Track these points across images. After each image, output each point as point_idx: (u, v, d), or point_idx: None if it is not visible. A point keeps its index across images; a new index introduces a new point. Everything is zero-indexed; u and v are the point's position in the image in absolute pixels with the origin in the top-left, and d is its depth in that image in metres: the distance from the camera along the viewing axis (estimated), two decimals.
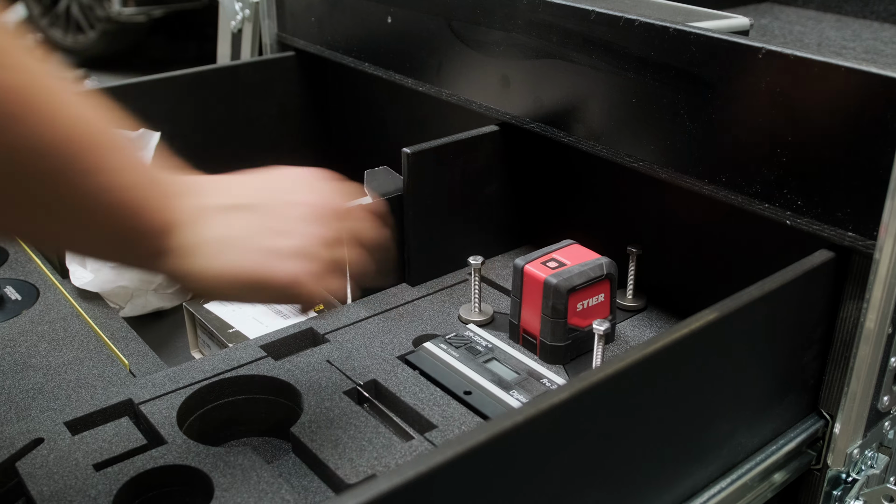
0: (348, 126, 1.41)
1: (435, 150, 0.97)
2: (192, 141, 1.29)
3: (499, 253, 1.07)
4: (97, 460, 0.74)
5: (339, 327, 0.93)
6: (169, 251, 0.64)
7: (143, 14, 4.75)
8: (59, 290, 1.02)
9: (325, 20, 1.27)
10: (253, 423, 0.86)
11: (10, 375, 0.87)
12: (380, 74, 1.19)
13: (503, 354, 0.87)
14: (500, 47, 0.99)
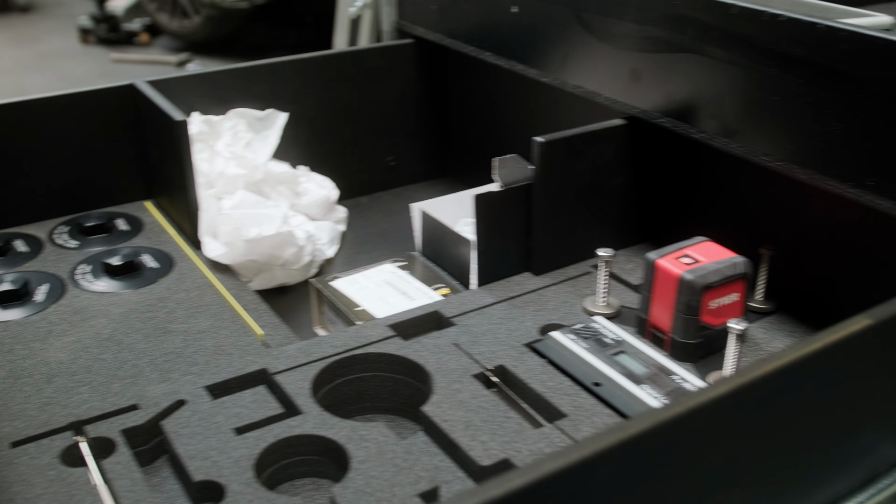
0: (466, 114, 1.42)
1: (567, 140, 0.97)
2: (316, 122, 1.32)
3: (620, 247, 1.07)
4: (238, 424, 0.76)
5: (464, 312, 0.94)
6: None
7: (245, 1, 4.84)
8: (192, 261, 1.05)
9: (447, 9, 1.28)
10: (378, 401, 0.88)
11: (152, 339, 0.90)
12: (501, 64, 1.20)
13: (632, 348, 0.87)
14: (632, 40, 0.99)
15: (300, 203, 1.22)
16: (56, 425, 0.76)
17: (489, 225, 0.98)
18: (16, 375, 0.84)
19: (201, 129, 1.17)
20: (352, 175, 1.37)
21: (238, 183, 1.13)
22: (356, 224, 1.31)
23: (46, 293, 0.98)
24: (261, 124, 1.24)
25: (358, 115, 1.36)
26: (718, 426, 0.56)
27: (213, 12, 4.95)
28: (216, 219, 1.05)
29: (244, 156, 1.15)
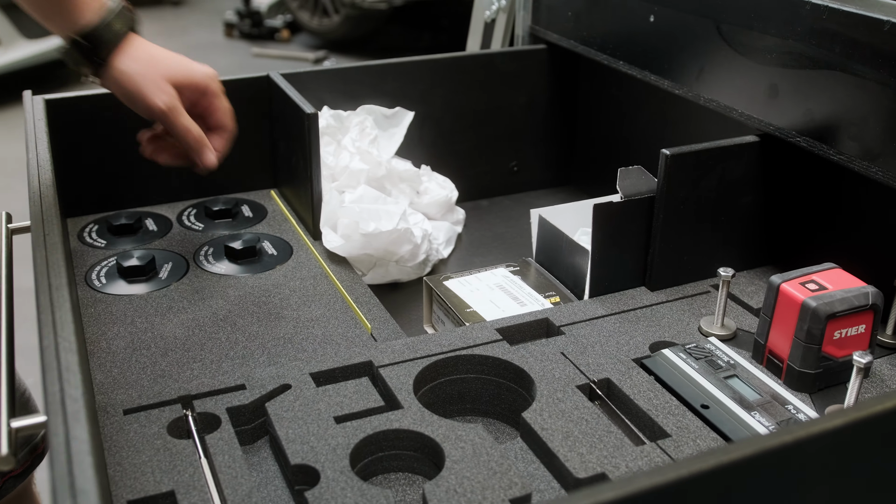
0: (594, 123, 1.40)
1: (695, 154, 0.94)
2: (442, 122, 1.33)
3: (744, 268, 1.03)
4: (338, 413, 0.77)
5: (574, 321, 0.93)
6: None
7: (384, 2, 4.93)
8: (310, 250, 1.07)
9: (583, 16, 1.27)
10: (479, 403, 0.87)
11: (265, 323, 0.92)
12: (634, 74, 1.18)
13: (745, 373, 0.84)
14: (773, 54, 0.95)
15: (420, 202, 1.22)
16: (167, 397, 0.79)
17: (607, 236, 0.96)
18: (134, 347, 0.88)
19: (329, 123, 1.19)
20: (474, 178, 1.38)
21: (361, 178, 1.14)
22: (474, 226, 1.30)
23: (170, 271, 1.02)
24: (388, 122, 1.25)
25: (484, 118, 1.36)
26: (827, 462, 0.53)
27: (353, 12, 5.05)
28: (336, 211, 1.07)
29: (369, 152, 1.17)
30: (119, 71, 0.95)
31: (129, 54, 0.95)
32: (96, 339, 0.89)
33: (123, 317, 0.93)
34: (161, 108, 0.95)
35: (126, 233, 1.11)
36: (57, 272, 0.67)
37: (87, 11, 0.93)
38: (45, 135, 0.98)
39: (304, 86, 1.21)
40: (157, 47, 0.98)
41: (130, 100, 0.96)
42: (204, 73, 0.99)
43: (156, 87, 0.95)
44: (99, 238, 1.10)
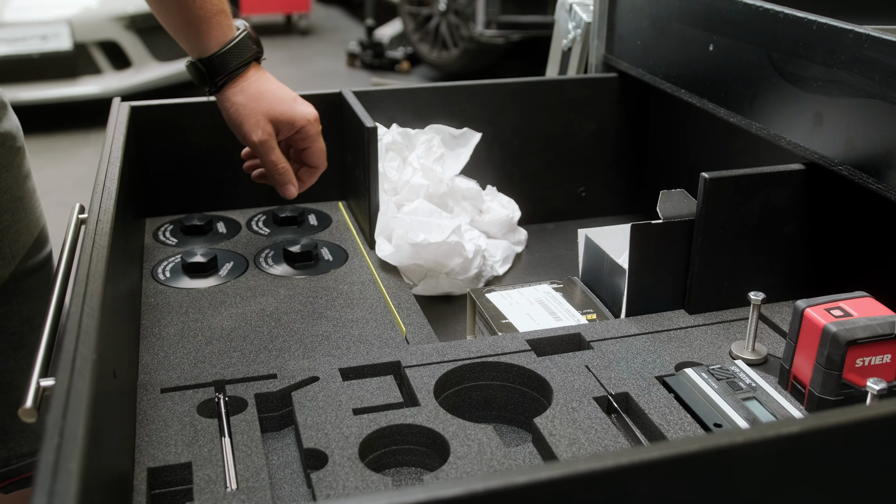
0: (663, 151, 1.41)
1: (735, 179, 0.95)
2: (511, 145, 1.36)
3: (788, 297, 1.03)
4: (357, 406, 0.81)
5: (606, 338, 0.94)
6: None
7: (502, 37, 5.00)
8: (364, 258, 1.12)
9: (650, 45, 1.29)
10: (504, 410, 0.89)
11: (308, 320, 0.97)
12: (694, 102, 1.19)
13: (765, 396, 0.84)
14: (818, 83, 0.95)
15: (481, 220, 1.26)
16: (202, 380, 0.84)
17: (644, 256, 0.98)
18: (182, 334, 0.94)
19: (395, 140, 1.24)
20: (541, 201, 1.40)
21: (420, 192, 1.19)
22: (535, 247, 1.33)
23: (230, 269, 1.08)
24: (455, 142, 1.29)
25: (554, 142, 1.38)
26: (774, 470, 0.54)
27: (471, 46, 5.14)
28: (391, 222, 1.11)
29: (432, 169, 1.21)
30: (228, 100, 1.05)
31: (240, 86, 1.05)
32: (150, 326, 0.95)
33: (179, 308, 1.00)
34: (255, 141, 1.04)
35: (197, 233, 1.19)
36: (99, 252, 0.74)
37: (210, 40, 1.03)
38: (122, 136, 1.06)
39: (374, 104, 1.27)
40: (271, 83, 1.07)
41: (232, 127, 1.06)
42: (304, 115, 1.06)
43: (254, 123, 1.03)
44: (171, 237, 1.18)
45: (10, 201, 1.04)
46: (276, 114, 1.04)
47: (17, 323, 1.04)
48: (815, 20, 0.94)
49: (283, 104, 1.05)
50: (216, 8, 1.03)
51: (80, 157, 4.00)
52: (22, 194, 1.05)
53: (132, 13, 4.62)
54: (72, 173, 3.78)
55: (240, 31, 1.05)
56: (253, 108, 1.03)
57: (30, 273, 1.05)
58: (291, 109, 1.05)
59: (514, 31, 4.92)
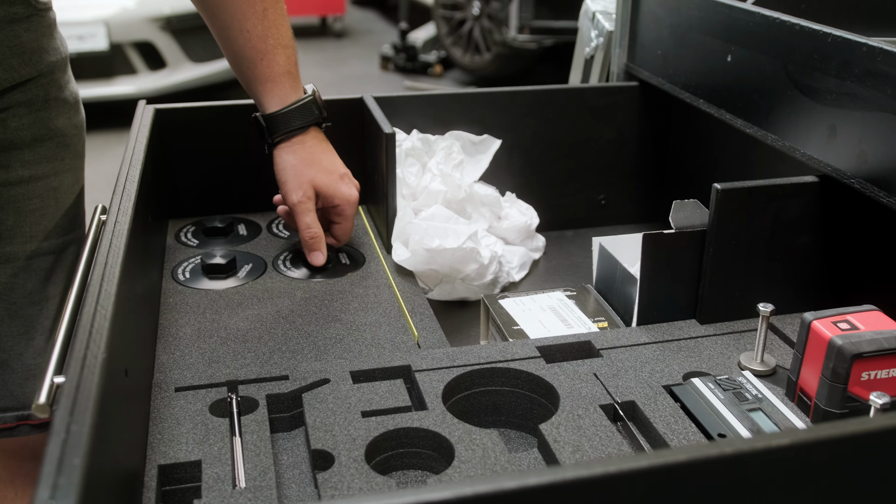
0: (682, 160, 1.41)
1: (747, 190, 0.96)
2: (531, 152, 1.37)
3: (799, 308, 1.02)
4: (365, 408, 0.82)
5: (615, 346, 0.95)
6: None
7: (534, 42, 5.01)
8: (381, 263, 1.14)
9: (671, 55, 1.29)
10: (512, 416, 0.90)
11: (321, 323, 0.99)
12: (712, 112, 1.19)
13: (771, 407, 0.85)
14: (832, 95, 0.96)
15: (499, 226, 1.27)
16: (216, 380, 0.86)
17: (656, 265, 0.98)
18: (199, 334, 0.96)
19: (415, 146, 1.25)
20: (560, 208, 1.41)
21: (438, 198, 1.20)
22: (553, 254, 1.34)
23: (248, 271, 1.10)
24: (475, 148, 1.30)
25: (573, 150, 1.39)
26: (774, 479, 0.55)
27: (503, 50, 5.16)
28: (407, 227, 1.13)
29: (451, 175, 1.22)
30: (280, 157, 1.10)
31: (294, 148, 1.10)
32: (168, 326, 0.98)
33: (196, 308, 1.02)
34: (294, 201, 1.09)
35: (218, 235, 1.21)
36: (115, 253, 0.76)
37: (273, 99, 1.10)
38: (145, 138, 1.08)
39: (395, 109, 1.29)
40: (325, 153, 1.12)
41: (278, 183, 1.11)
42: (345, 195, 1.11)
43: (297, 185, 1.08)
44: (192, 238, 1.20)
45: (44, 189, 1.07)
46: (320, 184, 1.09)
47: (20, 295, 1.08)
48: (829, 33, 0.94)
49: (329, 177, 1.10)
50: (282, 69, 1.09)
51: (113, 157, 4.06)
52: (58, 184, 1.09)
53: (168, 14, 4.69)
54: (106, 172, 3.83)
55: (306, 95, 1.11)
56: (301, 171, 1.09)
57: (44, 254, 1.08)
58: (335, 185, 1.11)
59: (547, 37, 4.93)
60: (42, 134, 1.05)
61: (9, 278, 1.06)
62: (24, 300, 1.07)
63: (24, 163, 1.04)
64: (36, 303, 1.08)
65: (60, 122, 1.07)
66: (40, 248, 1.07)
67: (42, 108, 1.05)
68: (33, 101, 1.04)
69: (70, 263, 1.11)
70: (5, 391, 1.09)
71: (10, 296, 1.07)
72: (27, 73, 1.02)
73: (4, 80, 1.00)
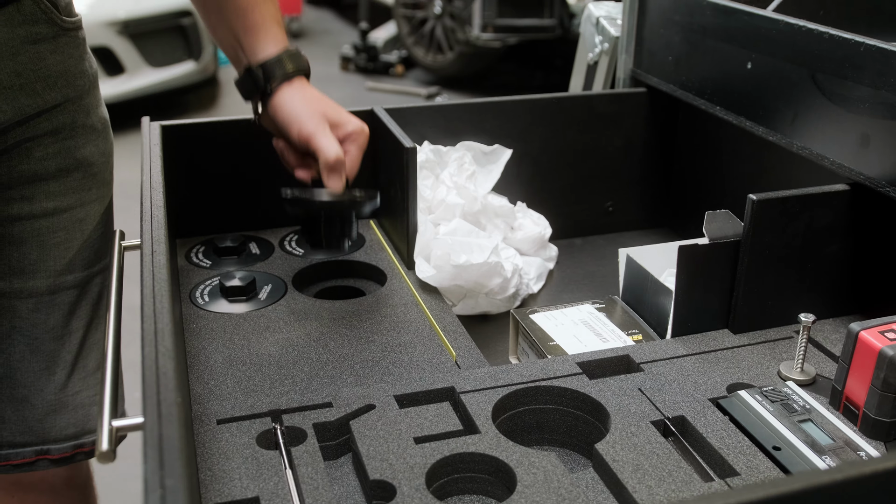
0: (690, 167, 1.41)
1: (781, 200, 0.95)
2: (540, 161, 1.36)
3: (828, 315, 1.03)
4: (418, 434, 0.81)
5: (655, 359, 0.94)
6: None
7: (498, 41, 5.01)
8: (403, 279, 1.12)
9: (683, 61, 1.29)
10: (557, 434, 0.89)
11: (355, 345, 0.97)
12: (730, 119, 1.19)
13: (820, 418, 0.85)
14: (865, 104, 0.96)
15: (514, 237, 1.26)
16: (258, 410, 0.84)
17: (691, 277, 0.98)
18: (231, 362, 0.93)
19: (428, 158, 1.24)
20: (569, 216, 1.40)
21: (456, 211, 1.19)
22: (566, 263, 1.33)
23: (269, 292, 1.08)
24: (486, 158, 1.29)
25: (581, 157, 1.39)
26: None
27: (466, 49, 5.15)
28: (430, 243, 1.11)
29: (465, 186, 1.21)
30: (282, 98, 1.03)
31: (297, 88, 1.04)
32: (196, 353, 0.95)
33: (223, 333, 0.99)
34: (310, 129, 1.00)
35: (230, 254, 1.18)
36: (161, 288, 0.73)
37: (269, 44, 1.04)
38: (160, 159, 1.05)
39: (406, 121, 1.27)
40: (322, 94, 1.07)
41: (286, 123, 1.03)
42: (357, 123, 1.04)
43: (310, 115, 1.02)
44: (205, 258, 1.17)
45: (69, 221, 1.04)
46: (332, 114, 1.03)
47: (42, 331, 1.04)
48: (862, 41, 0.95)
49: (337, 109, 1.05)
50: (273, 17, 1.04)
51: None
52: (84, 216, 1.05)
53: (124, 18, 4.60)
54: None
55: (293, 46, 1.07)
56: (310, 104, 1.03)
57: (68, 288, 1.05)
58: (347, 115, 1.05)
59: (511, 35, 4.93)
60: (68, 164, 1.02)
61: (31, 314, 1.03)
62: (47, 335, 1.04)
63: (49, 195, 1.01)
64: (58, 338, 1.05)
65: (88, 150, 1.04)
66: (64, 281, 1.04)
67: (69, 137, 1.01)
68: (60, 130, 1.00)
69: (95, 296, 1.08)
70: (24, 426, 1.06)
71: (33, 331, 1.03)
72: (53, 99, 0.99)
73: (29, 107, 0.96)
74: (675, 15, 1.30)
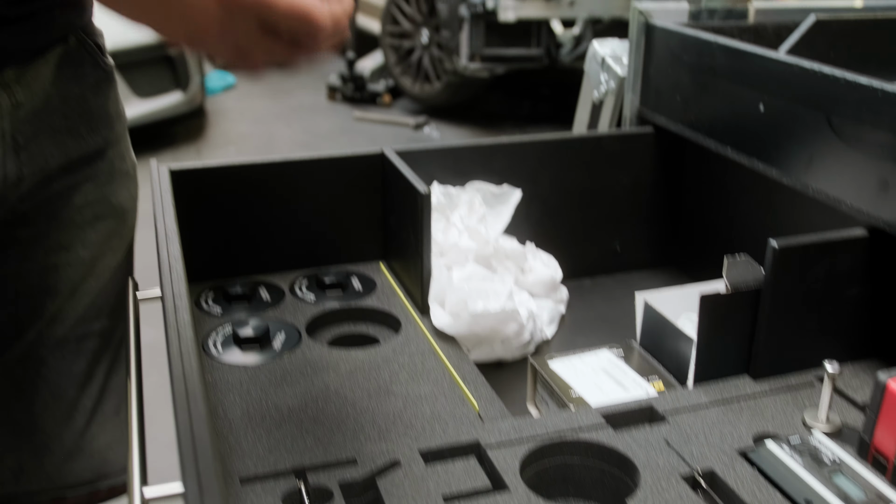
0: (698, 206, 1.41)
1: (802, 247, 0.95)
2: (548, 202, 1.36)
3: (849, 360, 1.02)
4: (446, 492, 0.79)
5: (679, 409, 0.93)
6: None
7: (486, 70, 5.03)
8: (418, 326, 1.11)
9: (692, 100, 1.29)
10: (584, 488, 0.88)
11: (375, 398, 0.95)
12: (742, 161, 1.19)
13: (850, 470, 0.84)
14: (885, 149, 0.96)
15: (525, 280, 1.25)
16: (281, 468, 0.82)
17: (712, 325, 0.97)
18: (250, 416, 0.92)
19: (440, 200, 1.23)
20: (577, 256, 1.40)
21: (469, 256, 1.18)
22: (577, 306, 1.32)
23: (283, 342, 1.06)
24: (495, 199, 1.28)
25: (589, 197, 1.38)
26: None
27: (454, 79, 5.16)
28: (445, 289, 1.10)
29: (477, 230, 1.20)
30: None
31: None
32: (214, 408, 0.93)
33: (239, 386, 0.97)
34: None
35: (241, 300, 1.16)
36: (187, 347, 0.72)
37: None
38: (172, 207, 1.03)
39: (414, 161, 1.26)
40: None
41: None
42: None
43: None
44: (214, 304, 1.15)
45: (101, 269, 1.02)
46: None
47: (66, 378, 1.03)
48: (879, 87, 0.95)
49: None
50: None
51: None
52: (114, 264, 1.04)
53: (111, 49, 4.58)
54: None
55: None
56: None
57: (94, 336, 1.04)
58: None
59: (499, 65, 4.95)
60: (104, 211, 1.00)
61: (57, 362, 1.01)
62: (69, 382, 1.02)
63: (85, 243, 0.99)
64: (81, 384, 1.03)
65: (122, 196, 1.03)
66: (91, 329, 1.02)
67: (106, 183, 1.00)
68: (99, 176, 0.99)
69: (117, 342, 1.06)
70: (42, 473, 1.04)
71: (58, 380, 1.01)
72: (95, 143, 0.97)
73: (74, 151, 0.94)
74: (683, 55, 1.30)
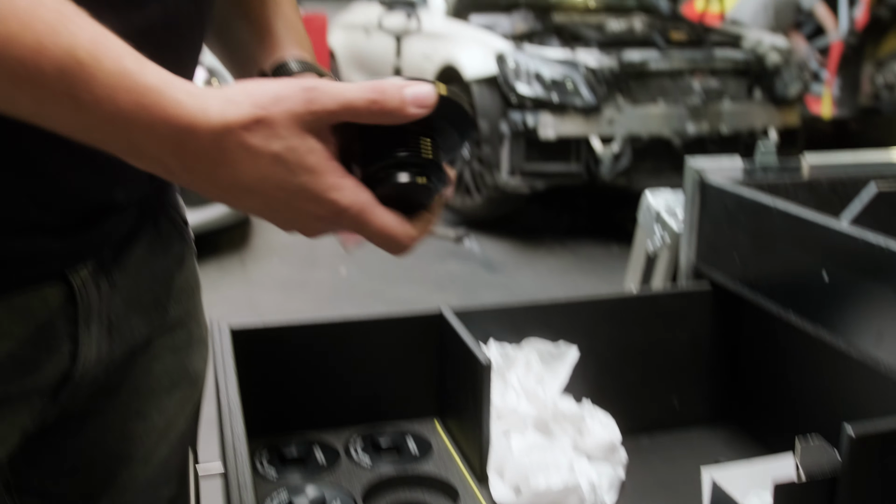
0: (756, 365, 1.38)
1: (883, 435, 0.92)
2: (604, 359, 1.34)
3: None
4: None
5: None
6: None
7: (526, 186, 5.07)
8: (476, 497, 1.08)
9: (750, 259, 1.27)
10: None
11: None
12: (805, 328, 1.16)
13: None
14: None
15: (584, 443, 1.22)
16: None
17: None
18: None
19: (497, 362, 1.21)
20: (633, 412, 1.37)
21: (528, 421, 1.16)
22: (636, 469, 1.28)
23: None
24: (552, 357, 1.27)
25: (646, 354, 1.36)
26: None
27: (495, 194, 5.21)
28: (505, 459, 1.07)
29: (535, 392, 1.18)
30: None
31: None
32: None
33: None
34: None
35: (296, 463, 1.15)
36: None
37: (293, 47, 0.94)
38: (234, 374, 1.03)
39: (471, 320, 1.25)
40: None
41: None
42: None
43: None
44: (270, 467, 1.13)
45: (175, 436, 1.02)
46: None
47: None
48: None
49: None
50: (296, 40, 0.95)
51: None
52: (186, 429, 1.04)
53: None
54: None
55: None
56: None
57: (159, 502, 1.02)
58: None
59: (539, 180, 4.99)
60: (180, 378, 1.00)
61: None
62: None
63: (161, 410, 0.99)
64: None
65: (196, 362, 1.03)
66: (160, 495, 1.01)
67: (184, 350, 1.00)
68: (178, 345, 0.99)
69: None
70: None
71: None
72: (177, 315, 0.97)
73: (158, 323, 0.95)
74: (740, 214, 1.29)
